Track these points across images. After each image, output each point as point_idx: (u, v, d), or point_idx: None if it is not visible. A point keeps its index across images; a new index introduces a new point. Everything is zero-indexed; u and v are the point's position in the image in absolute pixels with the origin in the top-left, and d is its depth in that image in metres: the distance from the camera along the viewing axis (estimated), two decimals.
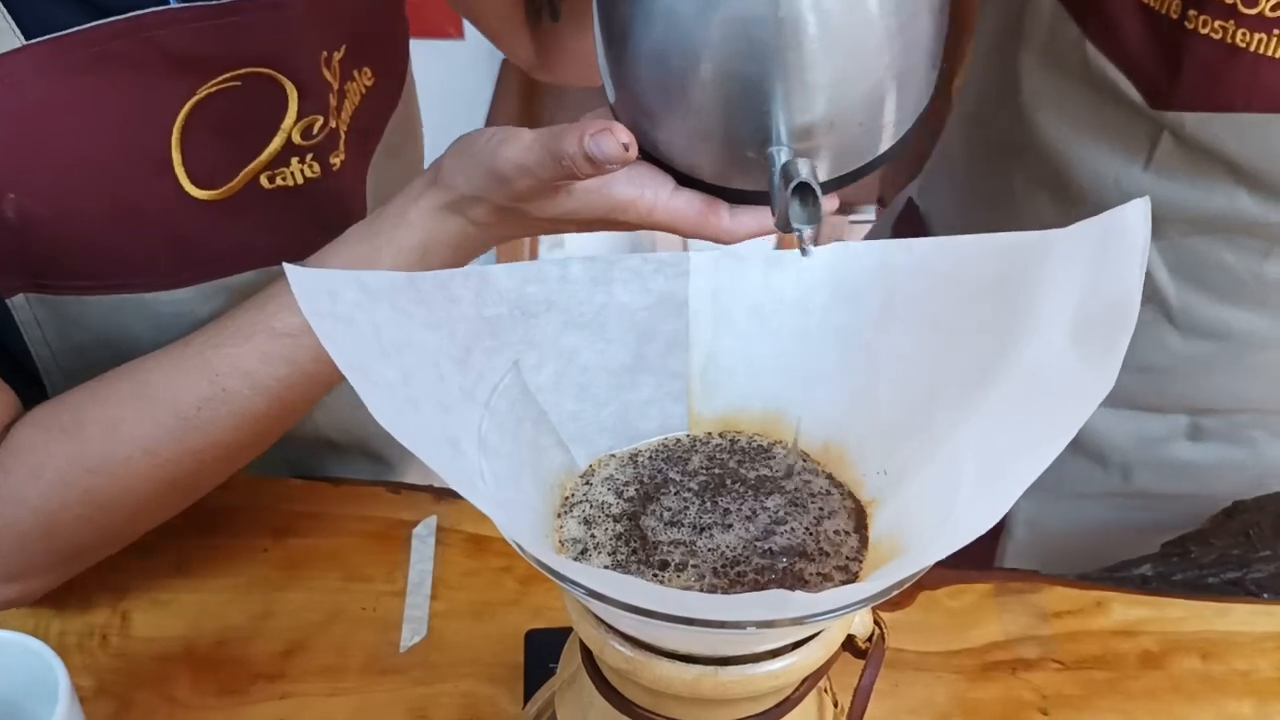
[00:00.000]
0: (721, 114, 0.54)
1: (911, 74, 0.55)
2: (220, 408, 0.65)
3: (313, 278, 0.42)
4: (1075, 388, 0.41)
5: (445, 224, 0.63)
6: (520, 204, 0.61)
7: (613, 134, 0.55)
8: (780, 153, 0.53)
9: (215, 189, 0.68)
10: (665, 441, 0.53)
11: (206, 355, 0.65)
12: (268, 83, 0.67)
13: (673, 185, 0.59)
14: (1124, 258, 0.42)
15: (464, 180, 0.61)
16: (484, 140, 0.60)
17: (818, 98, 0.53)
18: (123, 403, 0.65)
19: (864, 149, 0.56)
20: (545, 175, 0.58)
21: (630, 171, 0.59)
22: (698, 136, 0.56)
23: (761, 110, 0.53)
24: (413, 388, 0.43)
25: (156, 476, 0.66)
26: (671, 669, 0.43)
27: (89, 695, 0.70)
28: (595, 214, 0.60)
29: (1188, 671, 0.74)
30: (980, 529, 0.37)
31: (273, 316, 0.65)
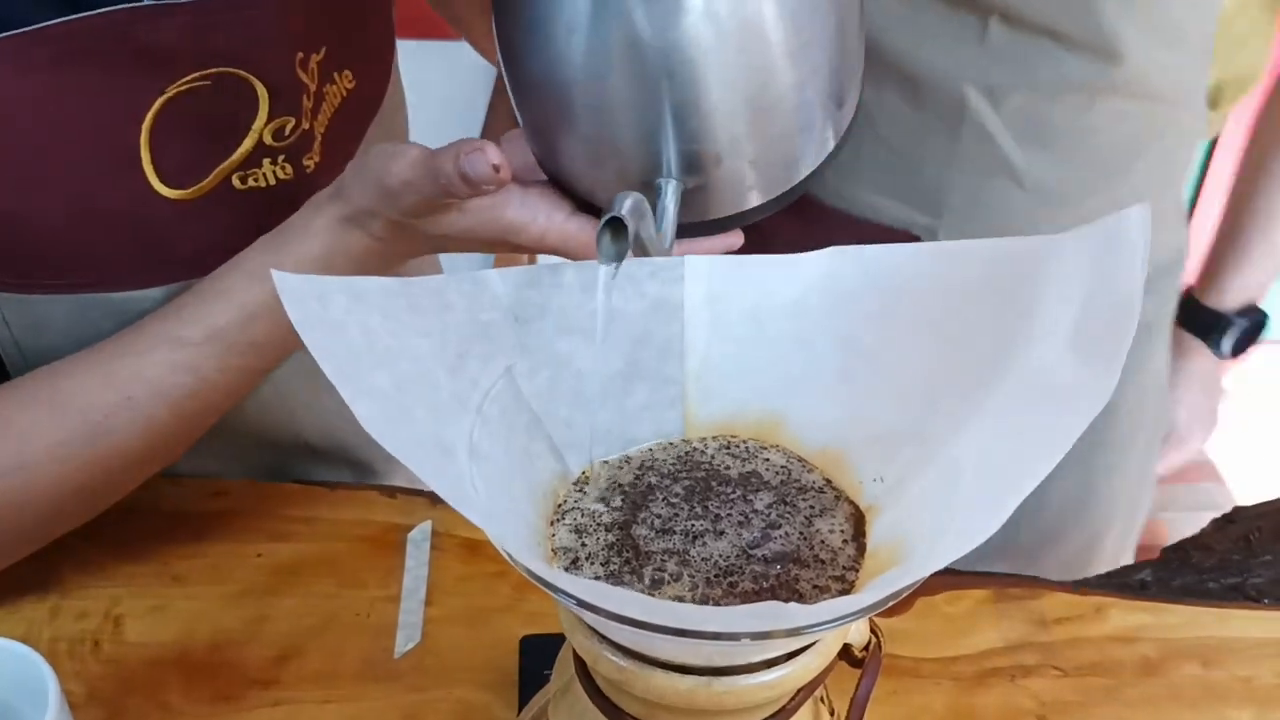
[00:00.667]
0: (611, 141, 0.55)
1: (810, 110, 0.55)
2: (125, 415, 0.65)
3: (301, 284, 0.41)
4: (1075, 393, 0.40)
5: (347, 237, 0.63)
6: (412, 220, 0.61)
7: (484, 154, 0.56)
8: (668, 184, 0.54)
9: (186, 189, 0.68)
10: (659, 447, 0.52)
11: (114, 363, 0.65)
12: (238, 83, 0.67)
13: (569, 209, 0.60)
14: (1124, 262, 0.42)
15: (360, 194, 0.62)
16: (378, 154, 0.60)
17: (699, 131, 0.53)
18: (31, 407, 0.65)
19: (759, 186, 0.57)
20: (428, 192, 0.59)
21: (525, 194, 0.60)
22: (590, 162, 0.57)
23: (648, 139, 0.53)
24: (404, 395, 0.43)
25: (65, 481, 0.66)
26: (665, 680, 0.42)
27: (80, 702, 0.69)
28: (489, 234, 0.61)
29: (1187, 678, 0.73)
30: (979, 537, 0.37)
31: (178, 326, 0.65)
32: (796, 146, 0.56)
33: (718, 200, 0.56)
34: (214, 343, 0.65)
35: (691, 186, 0.55)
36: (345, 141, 0.77)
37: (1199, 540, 0.92)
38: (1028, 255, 0.46)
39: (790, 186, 0.57)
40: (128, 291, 0.69)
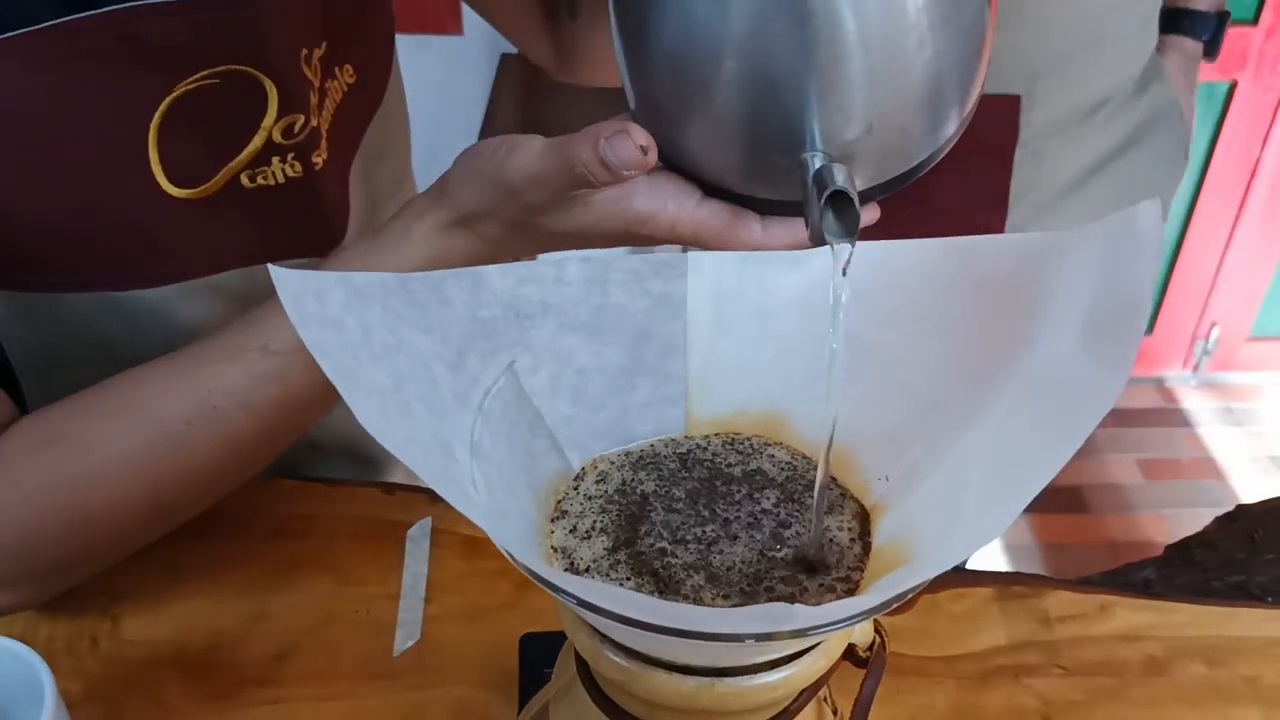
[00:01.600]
0: (749, 118, 0.51)
1: (957, 70, 0.51)
2: (208, 426, 0.63)
3: (299, 279, 0.40)
4: (1086, 392, 0.40)
5: (453, 242, 0.61)
6: (533, 218, 0.58)
7: (629, 136, 0.53)
8: (814, 159, 0.50)
9: (194, 188, 0.67)
10: (661, 442, 0.51)
11: (196, 371, 0.63)
12: (247, 80, 0.66)
13: (698, 196, 0.56)
14: (1135, 260, 0.41)
15: (471, 194, 0.59)
16: (491, 150, 0.57)
17: (855, 98, 0.49)
18: (108, 416, 0.64)
19: (906, 154, 0.53)
20: (558, 185, 0.55)
21: (652, 182, 0.56)
22: (724, 143, 0.53)
23: (793, 113, 0.49)
24: (404, 392, 0.42)
25: (140, 494, 0.64)
26: (668, 680, 0.42)
27: (77, 700, 0.69)
28: (615, 227, 0.58)
29: (1192, 678, 0.73)
30: (989, 537, 0.36)
31: (264, 334, 0.63)
32: (946, 109, 0.53)
33: (864, 172, 0.53)
34: (303, 352, 0.62)
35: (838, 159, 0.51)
36: (347, 138, 0.76)
37: (1202, 538, 0.91)
38: (1036, 252, 0.45)
39: (929, 154, 0.54)
40: (136, 290, 0.69)
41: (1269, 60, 2.20)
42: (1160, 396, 2.56)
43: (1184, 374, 2.61)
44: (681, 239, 0.57)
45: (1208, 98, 2.26)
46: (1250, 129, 2.29)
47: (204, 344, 0.64)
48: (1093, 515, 2.26)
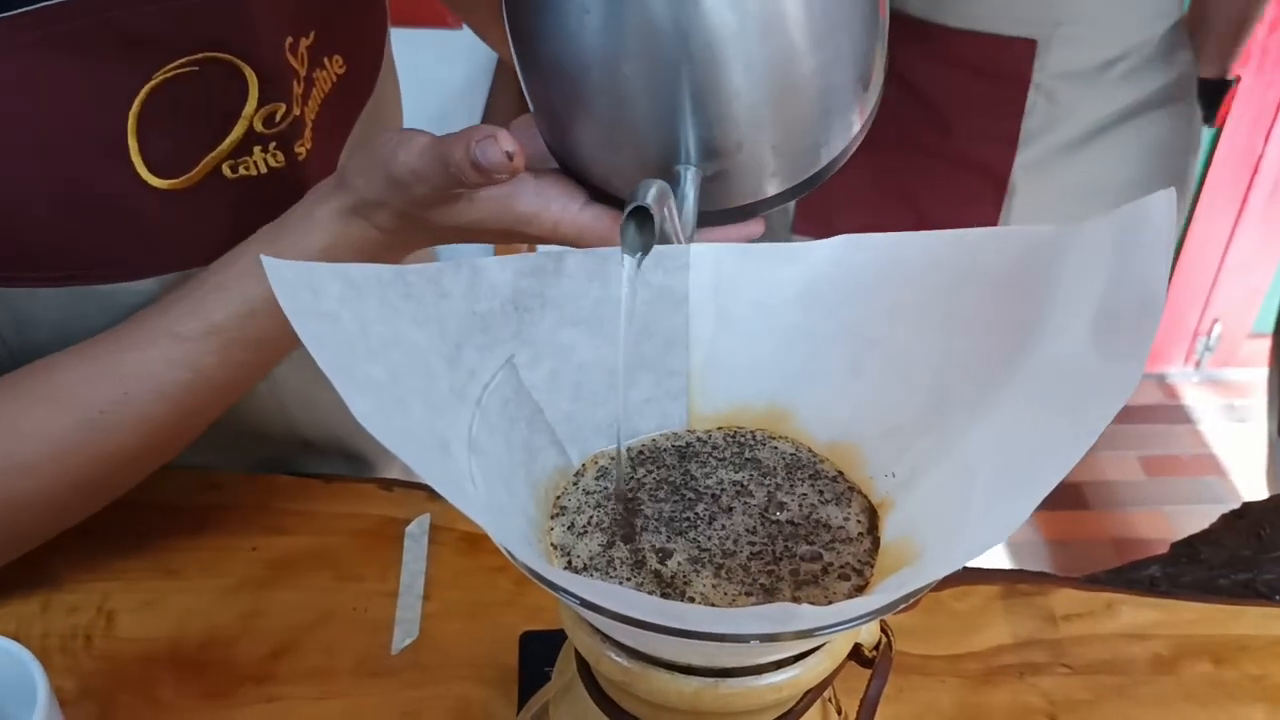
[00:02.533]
0: (625, 127, 0.52)
1: (836, 93, 0.53)
2: (124, 411, 0.64)
3: (293, 271, 0.40)
4: (1098, 386, 0.39)
5: (349, 228, 0.61)
6: (420, 211, 0.59)
7: (496, 141, 0.54)
8: (687, 171, 0.51)
9: (175, 178, 0.66)
10: (662, 437, 0.51)
11: (112, 358, 0.64)
12: (226, 68, 0.65)
13: (583, 199, 0.58)
14: (1148, 250, 0.40)
15: (364, 184, 0.60)
16: (383, 143, 0.58)
17: (723, 115, 0.51)
18: (25, 401, 0.64)
19: (781, 173, 0.54)
20: (438, 182, 0.57)
21: (538, 183, 0.58)
22: (605, 149, 0.55)
23: (665, 125, 0.51)
24: (400, 387, 0.41)
25: (62, 478, 0.65)
26: (670, 681, 0.41)
27: (71, 698, 0.68)
28: (500, 225, 0.59)
29: (1199, 676, 0.72)
30: (1000, 536, 0.35)
31: (176, 320, 0.63)
32: (821, 131, 0.54)
33: (739, 188, 0.54)
34: (213, 337, 0.63)
35: (711, 174, 0.53)
36: (335, 128, 0.75)
37: (1208, 535, 0.90)
38: (1045, 244, 0.44)
39: (814, 172, 0.55)
40: (117, 284, 0.68)
41: (1272, 56, 2.20)
42: (1162, 393, 2.55)
43: (1185, 370, 2.61)
44: (565, 240, 0.59)
45: None
46: (1253, 125, 2.28)
47: (119, 329, 0.65)
48: (1094, 512, 2.26)
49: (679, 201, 0.52)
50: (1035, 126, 1.23)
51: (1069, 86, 1.22)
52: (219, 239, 0.66)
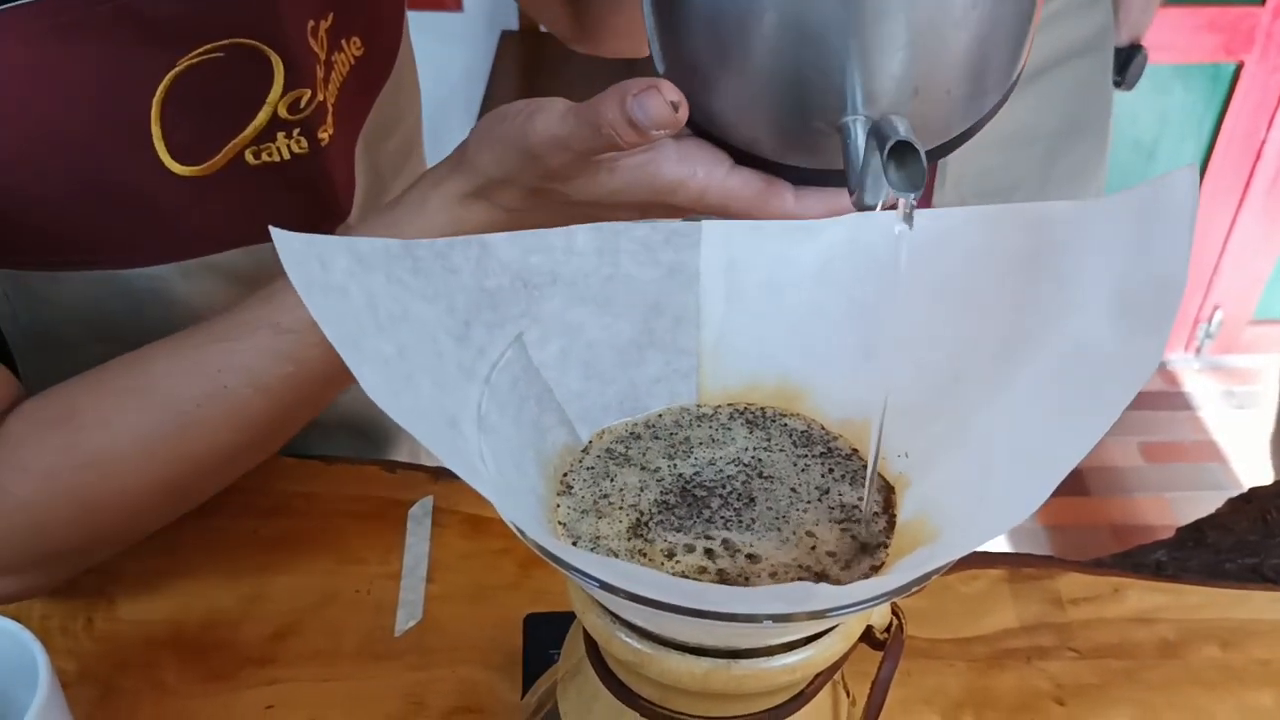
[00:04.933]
0: (787, 79, 0.48)
1: (1005, 32, 0.49)
2: (220, 405, 0.61)
3: (302, 243, 0.39)
4: (1118, 366, 0.38)
5: (471, 212, 0.58)
6: (555, 184, 0.56)
7: (659, 92, 0.50)
8: (856, 123, 0.47)
9: (197, 165, 0.65)
10: (670, 412, 0.50)
11: (208, 349, 0.61)
12: (252, 54, 0.64)
13: (729, 164, 0.54)
14: (1170, 228, 0.39)
15: (491, 161, 0.56)
16: (513, 114, 0.55)
17: (901, 59, 0.46)
18: (117, 396, 0.61)
19: (952, 121, 0.51)
20: (582, 147, 0.53)
21: (681, 148, 0.54)
22: (759, 106, 0.50)
23: (834, 74, 0.47)
24: (409, 363, 0.41)
25: (151, 476, 0.62)
26: (681, 662, 0.40)
27: (72, 680, 0.68)
28: (641, 196, 0.55)
29: (1206, 660, 0.72)
30: (1021, 515, 0.35)
31: (277, 311, 0.60)
32: (994, 73, 0.50)
33: None
34: (315, 330, 0.61)
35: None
36: (353, 112, 0.75)
37: (1214, 520, 0.90)
38: (1063, 221, 0.44)
39: (975, 121, 0.52)
40: (139, 269, 0.67)
41: (1276, 41, 2.18)
42: (1162, 379, 2.54)
43: (1186, 357, 2.60)
44: (710, 209, 0.54)
45: (1213, 78, 2.25)
46: (1256, 111, 2.27)
47: (215, 321, 0.62)
48: (1095, 498, 2.26)
49: (852, 155, 0.48)
50: None
51: None
52: (240, 225, 0.65)
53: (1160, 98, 2.26)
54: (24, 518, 0.61)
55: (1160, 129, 2.31)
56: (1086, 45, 1.27)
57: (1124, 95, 1.47)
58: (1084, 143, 1.32)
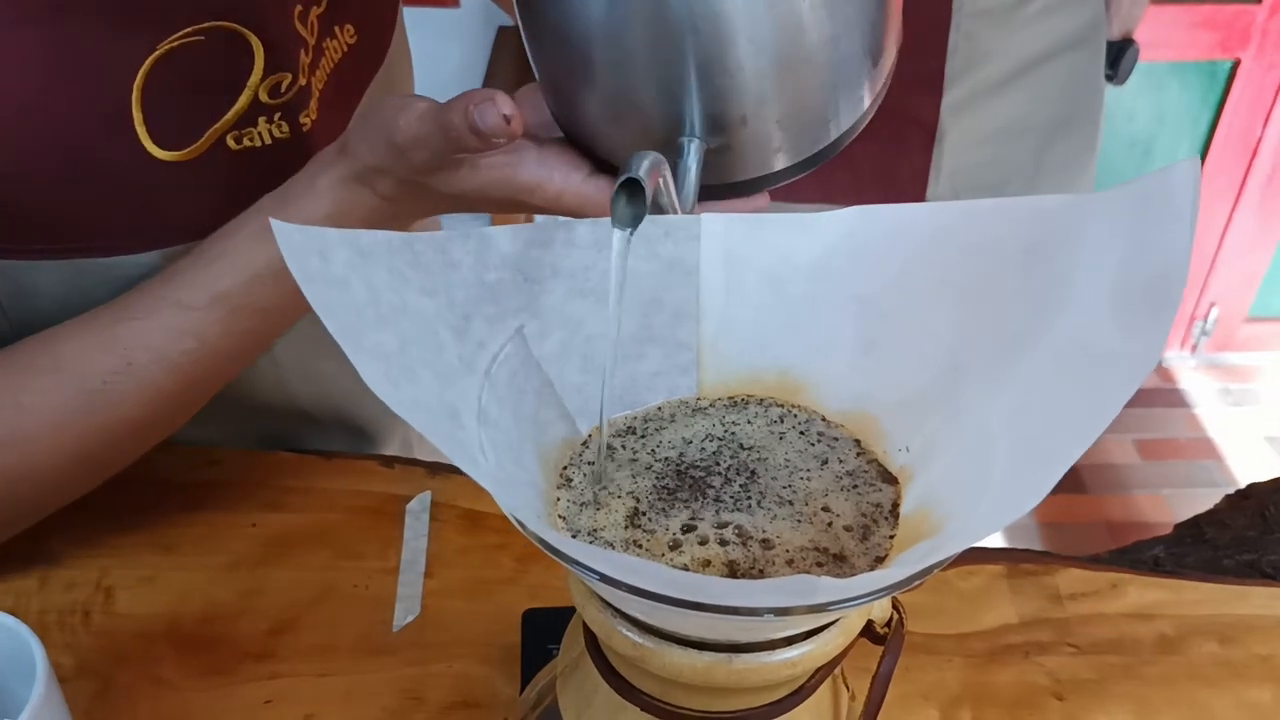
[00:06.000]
0: (629, 98, 0.52)
1: (844, 67, 0.52)
2: (127, 381, 0.63)
3: (302, 236, 0.39)
4: (1118, 359, 0.38)
5: (353, 196, 0.61)
6: (422, 178, 0.59)
7: (495, 105, 0.53)
8: (690, 144, 0.51)
9: (179, 150, 0.65)
10: (669, 404, 0.50)
11: (115, 328, 0.63)
12: (232, 37, 0.64)
13: (587, 170, 0.57)
14: (1170, 221, 0.39)
15: (366, 150, 0.59)
16: (384, 109, 0.58)
17: (726, 88, 0.50)
18: (27, 373, 0.63)
19: (787, 147, 0.53)
20: (438, 148, 0.56)
21: (541, 152, 0.57)
22: (609, 120, 0.54)
23: (669, 96, 0.50)
24: (409, 356, 0.40)
25: (63, 451, 0.64)
26: (682, 656, 0.40)
27: (70, 674, 0.67)
28: (502, 194, 0.59)
29: (1205, 656, 0.72)
30: (1024, 507, 0.35)
31: (180, 289, 0.62)
32: (828, 106, 0.53)
33: (743, 162, 0.53)
34: (217, 306, 0.62)
35: (715, 147, 0.52)
36: (345, 99, 0.74)
37: (1213, 516, 0.90)
38: (1064, 213, 0.44)
39: (820, 149, 0.54)
40: (120, 256, 0.67)
41: (1272, 39, 2.19)
42: (1158, 377, 2.55)
43: (1182, 354, 2.60)
44: (567, 211, 0.58)
45: (1210, 76, 2.25)
46: (1252, 108, 2.28)
47: (125, 297, 0.64)
48: (1090, 495, 2.26)
49: (681, 175, 0.51)
50: (958, 68, 1.21)
51: (987, 25, 1.20)
52: (222, 211, 0.65)
53: (1156, 95, 2.26)
54: None
55: (1156, 127, 2.31)
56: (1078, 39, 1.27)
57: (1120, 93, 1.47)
58: (1075, 137, 1.32)
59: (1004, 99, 1.25)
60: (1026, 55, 1.24)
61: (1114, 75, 1.39)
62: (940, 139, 1.24)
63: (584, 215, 0.57)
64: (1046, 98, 1.27)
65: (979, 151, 1.26)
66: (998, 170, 1.28)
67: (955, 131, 1.25)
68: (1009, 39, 1.22)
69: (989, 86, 1.24)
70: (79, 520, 0.73)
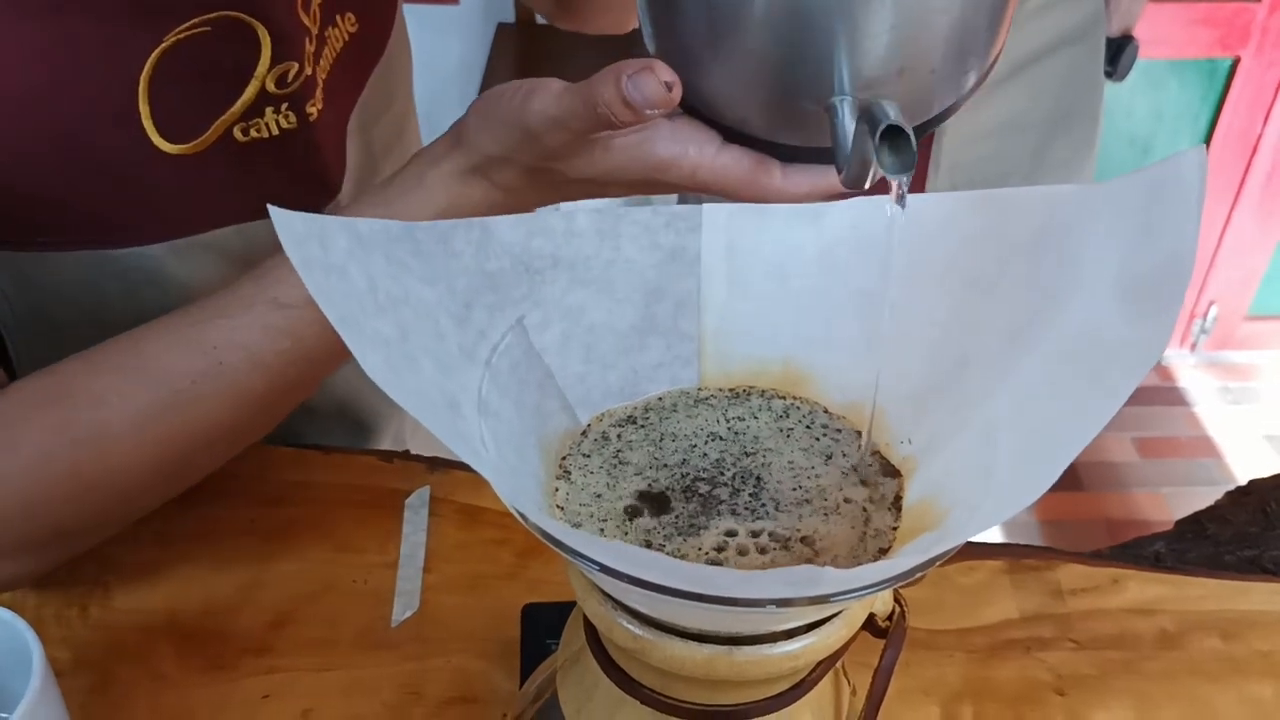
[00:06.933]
0: (775, 59, 0.49)
1: (987, 9, 0.50)
2: (216, 382, 0.60)
3: (301, 223, 0.38)
4: (1123, 349, 0.38)
5: (468, 190, 0.59)
6: (552, 163, 0.56)
7: (653, 73, 0.51)
8: (843, 103, 0.48)
9: (186, 143, 0.65)
10: (670, 395, 0.49)
11: (203, 327, 0.61)
12: (238, 27, 0.64)
13: (719, 142, 0.55)
14: (1177, 211, 0.39)
15: (489, 139, 0.57)
16: (510, 94, 0.55)
17: (888, 40, 0.47)
18: (112, 373, 0.61)
19: (934, 100, 0.51)
20: (579, 126, 0.54)
21: (673, 127, 0.55)
22: (748, 85, 0.51)
23: (822, 54, 0.47)
24: (410, 345, 0.40)
25: (146, 454, 0.62)
26: (684, 649, 0.40)
27: (66, 669, 0.67)
28: (635, 174, 0.56)
29: (1207, 652, 0.71)
30: (1029, 498, 0.34)
31: (273, 287, 0.60)
32: (976, 52, 0.51)
33: None
34: (313, 305, 0.61)
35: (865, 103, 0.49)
36: (346, 89, 0.74)
37: (1214, 512, 0.90)
38: (1070, 203, 0.43)
39: (956, 99, 0.52)
40: (130, 249, 0.66)
41: (1272, 36, 2.18)
42: (1157, 375, 2.55)
43: (1181, 352, 2.60)
44: (703, 186, 0.55)
45: (1210, 74, 2.25)
46: (1251, 106, 2.27)
47: (211, 298, 0.62)
48: (1089, 493, 2.26)
49: (840, 135, 0.49)
50: None
51: None
52: (231, 203, 0.64)
53: (1156, 93, 2.26)
54: (15, 498, 0.60)
55: (1156, 124, 2.31)
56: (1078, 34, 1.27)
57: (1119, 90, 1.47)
58: (1075, 132, 1.32)
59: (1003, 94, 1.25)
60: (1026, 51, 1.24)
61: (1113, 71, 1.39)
62: (939, 134, 1.24)
63: (719, 189, 0.55)
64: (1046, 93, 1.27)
65: (978, 147, 1.26)
66: (997, 166, 1.27)
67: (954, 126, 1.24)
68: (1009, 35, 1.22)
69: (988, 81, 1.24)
70: None
